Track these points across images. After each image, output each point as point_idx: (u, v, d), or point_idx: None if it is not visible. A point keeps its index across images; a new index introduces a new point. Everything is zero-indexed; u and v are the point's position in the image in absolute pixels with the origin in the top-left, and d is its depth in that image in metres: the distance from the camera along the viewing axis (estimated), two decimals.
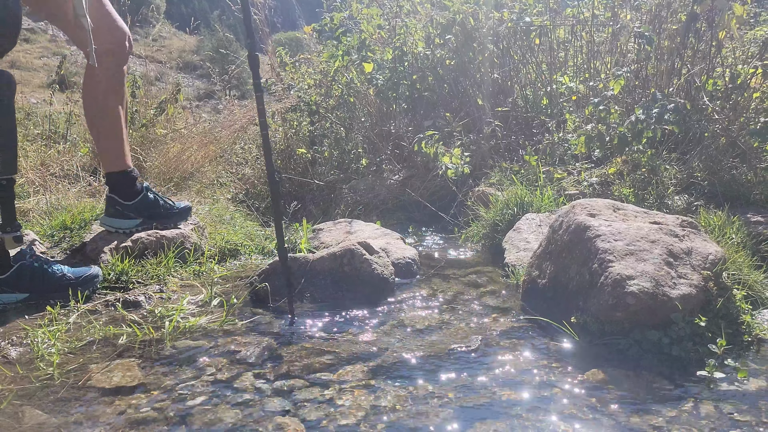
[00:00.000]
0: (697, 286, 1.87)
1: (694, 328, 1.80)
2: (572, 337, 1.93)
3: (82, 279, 2.33)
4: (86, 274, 2.35)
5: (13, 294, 2.22)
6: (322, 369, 1.76)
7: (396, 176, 4.23)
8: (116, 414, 1.51)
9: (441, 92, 4.74)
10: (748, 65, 3.53)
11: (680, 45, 3.66)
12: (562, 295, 2.09)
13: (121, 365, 1.77)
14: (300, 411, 1.53)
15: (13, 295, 2.22)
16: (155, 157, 4.12)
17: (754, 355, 1.81)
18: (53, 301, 2.18)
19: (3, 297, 2.20)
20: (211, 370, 1.75)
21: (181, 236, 2.75)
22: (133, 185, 2.72)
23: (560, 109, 4.18)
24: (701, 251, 2.00)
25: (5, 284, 2.20)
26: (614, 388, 1.63)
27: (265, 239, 3.15)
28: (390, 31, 4.86)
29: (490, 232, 3.14)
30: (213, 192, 4.18)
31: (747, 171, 3.09)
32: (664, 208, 2.95)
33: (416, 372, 1.74)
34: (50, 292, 2.26)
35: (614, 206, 2.27)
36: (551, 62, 4.60)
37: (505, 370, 1.75)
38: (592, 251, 1.99)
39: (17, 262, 2.23)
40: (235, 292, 2.36)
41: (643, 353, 1.79)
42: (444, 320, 2.14)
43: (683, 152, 3.39)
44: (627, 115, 3.44)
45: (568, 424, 1.46)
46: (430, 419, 1.49)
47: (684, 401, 1.56)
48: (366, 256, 2.41)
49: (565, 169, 3.65)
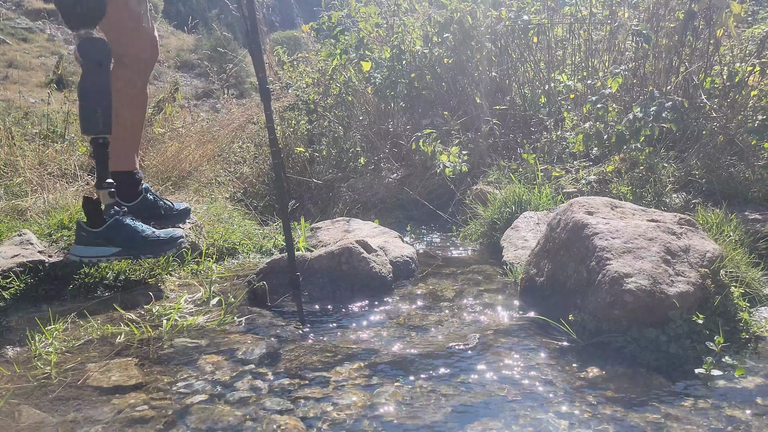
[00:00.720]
0: (694, 283, 1.87)
1: (692, 325, 1.80)
2: (570, 335, 1.93)
3: (169, 239, 2.53)
4: (173, 235, 2.55)
5: (107, 248, 2.38)
6: (320, 367, 1.76)
7: (394, 175, 4.23)
8: (114, 413, 1.51)
9: (439, 91, 4.74)
10: (745, 63, 3.53)
11: (678, 43, 3.66)
12: (560, 293, 2.09)
13: (119, 364, 1.77)
14: (298, 409, 1.53)
15: (107, 248, 2.38)
16: (153, 156, 4.12)
17: (751, 353, 1.82)
18: (143, 257, 2.42)
19: (98, 250, 2.36)
20: (209, 369, 1.75)
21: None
22: (136, 187, 2.74)
23: (558, 108, 4.18)
24: (699, 249, 2.00)
25: (100, 238, 2.35)
26: (612, 386, 1.63)
27: (263, 238, 3.15)
28: (388, 30, 4.86)
29: (488, 230, 3.14)
30: (211, 191, 4.18)
31: (745, 169, 3.09)
32: (662, 206, 2.95)
33: (414, 370, 1.74)
34: (140, 249, 2.44)
35: (612, 204, 2.28)
36: (549, 60, 4.60)
37: (502, 368, 1.75)
38: (590, 249, 2.00)
39: (111, 217, 2.39)
40: (233, 291, 2.36)
41: (640, 351, 1.79)
42: (442, 318, 2.14)
43: (681, 150, 3.40)
44: (625, 114, 3.44)
45: (565, 421, 1.46)
46: (428, 417, 1.49)
47: (682, 399, 1.56)
48: (364, 255, 2.41)
49: (563, 167, 3.65)
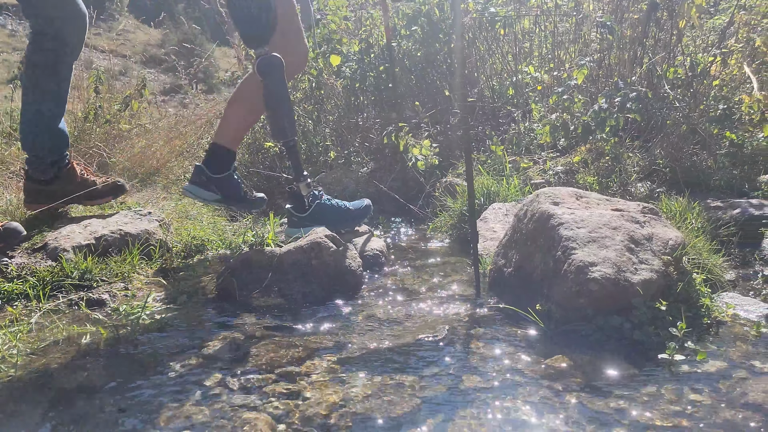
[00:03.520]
0: (657, 271, 1.91)
1: (655, 312, 1.83)
2: (537, 324, 1.95)
3: (362, 209, 3.00)
4: (363, 206, 3.01)
5: (314, 228, 2.69)
6: (289, 362, 1.76)
7: (364, 168, 4.23)
8: (80, 414, 1.49)
9: (408, 84, 4.75)
10: (707, 54, 3.60)
11: (642, 34, 3.71)
12: (528, 283, 2.11)
13: (85, 365, 1.75)
14: (268, 405, 1.53)
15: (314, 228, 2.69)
16: (119, 153, 4.06)
17: (713, 337, 1.86)
18: (343, 230, 2.90)
19: (305, 231, 2.66)
20: (178, 367, 1.73)
21: (145, 233, 2.71)
22: (229, 164, 2.86)
23: (526, 99, 4.21)
24: (662, 237, 2.03)
25: (308, 220, 2.83)
26: (578, 373, 1.66)
27: (232, 234, 3.12)
28: (356, 23, 4.84)
29: (457, 222, 3.16)
30: (180, 187, 4.12)
31: (707, 157, 3.15)
32: (628, 196, 3.00)
33: (384, 363, 1.75)
34: (340, 223, 2.90)
35: (577, 194, 2.31)
36: (516, 53, 4.63)
37: (471, 358, 1.76)
38: (556, 239, 2.02)
39: (312, 202, 2.85)
40: (201, 288, 2.34)
41: (606, 338, 1.82)
42: (411, 311, 2.15)
43: (646, 140, 3.45)
44: (591, 104, 3.49)
45: (533, 408, 1.48)
46: (398, 409, 1.50)
47: (646, 384, 1.59)
48: (333, 249, 2.41)
49: (531, 158, 3.69)
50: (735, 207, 2.66)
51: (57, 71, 2.75)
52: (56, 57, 2.72)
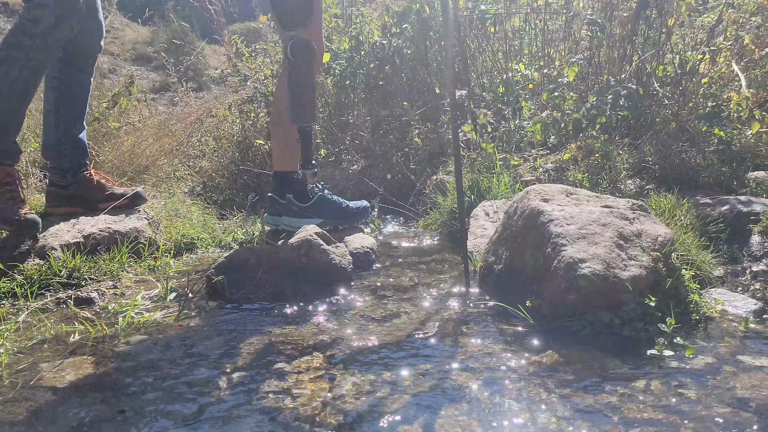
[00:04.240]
0: (647, 267, 1.92)
1: (645, 308, 1.84)
2: (527, 320, 1.96)
3: (361, 209, 3.02)
4: (363, 206, 3.04)
5: (313, 219, 2.81)
6: (279, 360, 1.75)
7: (355, 166, 4.22)
8: (68, 413, 1.48)
9: (399, 81, 4.74)
10: (696, 51, 3.61)
11: (631, 32, 3.72)
12: (518, 279, 2.12)
13: (74, 363, 1.73)
14: (257, 403, 1.52)
15: (313, 220, 2.80)
16: (108, 151, 4.03)
17: (701, 333, 1.87)
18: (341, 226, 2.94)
19: (306, 221, 2.73)
20: (167, 366, 1.72)
21: (134, 231, 2.70)
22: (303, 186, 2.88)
23: (516, 97, 4.21)
24: (651, 233, 2.04)
25: (309, 211, 2.83)
26: (568, 369, 1.66)
27: (222, 232, 3.11)
28: (346, 20, 4.83)
29: (448, 219, 3.16)
30: (169, 186, 4.11)
31: (696, 155, 3.16)
32: (617, 192, 3.00)
33: (374, 360, 1.75)
34: (339, 218, 2.92)
35: (567, 191, 2.31)
36: (507, 50, 4.64)
37: (462, 355, 1.76)
38: (546, 236, 2.02)
39: (315, 194, 2.85)
40: (191, 286, 2.33)
41: (595, 334, 1.83)
42: (402, 308, 2.15)
43: (635, 137, 3.46)
44: (581, 102, 3.49)
45: (523, 405, 1.48)
46: (388, 406, 1.50)
47: (635, 380, 1.60)
48: (323, 247, 2.40)
49: (522, 156, 3.69)
50: (723, 204, 2.67)
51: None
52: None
